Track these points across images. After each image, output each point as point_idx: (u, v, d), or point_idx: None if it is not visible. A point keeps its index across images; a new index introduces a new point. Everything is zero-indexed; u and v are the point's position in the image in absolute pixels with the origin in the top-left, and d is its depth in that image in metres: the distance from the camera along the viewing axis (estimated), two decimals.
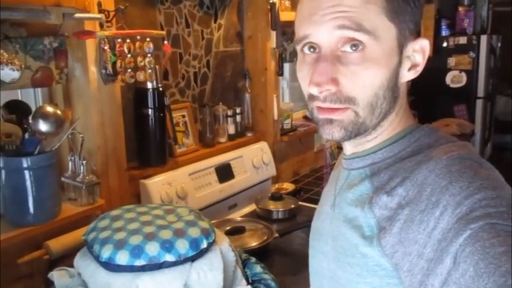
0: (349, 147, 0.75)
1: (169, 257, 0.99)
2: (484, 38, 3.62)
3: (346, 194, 0.73)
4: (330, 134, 0.67)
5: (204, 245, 1.05)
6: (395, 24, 0.64)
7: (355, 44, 0.63)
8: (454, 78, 3.73)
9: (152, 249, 0.99)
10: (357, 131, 0.67)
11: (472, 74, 3.67)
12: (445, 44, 3.73)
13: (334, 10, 0.62)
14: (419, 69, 0.68)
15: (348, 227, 0.70)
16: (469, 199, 0.56)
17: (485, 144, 3.90)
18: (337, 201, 0.76)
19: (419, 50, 0.68)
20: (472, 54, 3.63)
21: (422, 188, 0.61)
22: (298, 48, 0.70)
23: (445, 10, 3.84)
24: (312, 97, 0.67)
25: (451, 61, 3.71)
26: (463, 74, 3.69)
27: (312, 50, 0.67)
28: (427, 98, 3.76)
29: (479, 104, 3.71)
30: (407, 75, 0.68)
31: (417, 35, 0.68)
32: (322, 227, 0.80)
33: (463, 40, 3.67)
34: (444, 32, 3.79)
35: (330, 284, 0.76)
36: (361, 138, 0.71)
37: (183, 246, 1.01)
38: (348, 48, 0.63)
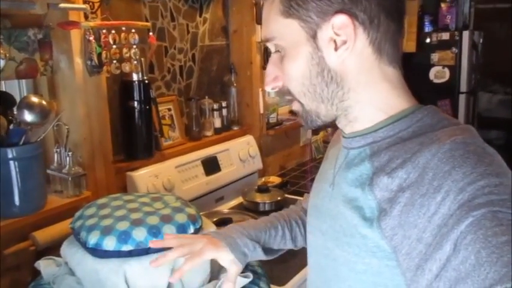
0: (342, 128, 0.76)
1: None
2: (466, 34, 3.66)
3: (346, 174, 0.73)
4: (301, 123, 0.76)
5: (191, 230, 1.07)
6: (294, 17, 0.68)
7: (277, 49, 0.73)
8: (438, 74, 3.78)
9: (139, 234, 1.00)
10: (311, 118, 0.73)
11: (455, 70, 3.72)
12: (428, 40, 3.78)
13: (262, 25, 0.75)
14: (349, 45, 0.67)
15: (347, 207, 0.70)
16: (472, 185, 0.56)
17: None
18: (337, 180, 0.76)
19: (338, 27, 0.66)
20: (454, 49, 3.68)
21: (424, 172, 0.61)
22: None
23: (428, 6, 3.89)
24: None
25: (434, 57, 3.76)
26: (446, 70, 3.74)
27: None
28: (411, 93, 3.79)
29: (462, 98, 3.75)
30: (337, 55, 0.68)
31: (337, 12, 0.66)
32: (321, 204, 0.80)
33: (445, 36, 3.71)
34: (427, 28, 3.83)
35: (327, 262, 0.76)
36: (342, 121, 0.74)
37: (170, 232, 1.02)
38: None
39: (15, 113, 1.31)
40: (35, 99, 1.31)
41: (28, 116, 1.28)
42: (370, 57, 0.69)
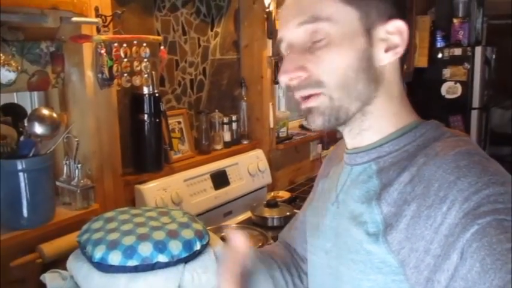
0: (348, 140, 0.75)
1: (162, 258, 0.99)
2: (478, 50, 3.64)
3: (353, 191, 0.72)
4: (312, 122, 0.70)
5: (198, 246, 1.05)
6: (355, 7, 0.66)
7: (317, 35, 0.66)
8: (450, 89, 3.75)
9: (145, 249, 0.99)
10: (337, 115, 0.68)
11: (467, 85, 3.69)
12: (440, 55, 3.76)
13: (294, 8, 0.68)
14: (399, 50, 0.68)
15: (353, 223, 0.69)
16: (477, 194, 0.56)
17: None
18: (341, 198, 0.75)
19: (395, 32, 0.67)
20: (466, 65, 3.66)
21: (430, 183, 0.61)
22: (282, 51, 0.73)
23: (440, 22, 3.87)
24: (289, 89, 0.70)
25: (446, 72, 3.74)
26: (458, 85, 3.72)
27: (288, 51, 0.70)
28: (422, 109, 3.73)
29: (474, 114, 3.72)
30: (385, 56, 0.68)
31: (392, 17, 0.67)
32: (322, 223, 0.79)
33: (458, 51, 3.70)
34: (439, 44, 3.82)
35: (331, 281, 0.75)
36: (354, 128, 0.71)
37: (176, 247, 1.01)
38: (315, 38, 0.67)
39: (25, 125, 1.31)
40: (45, 111, 1.32)
41: (38, 128, 1.29)
42: (398, 69, 0.71)
